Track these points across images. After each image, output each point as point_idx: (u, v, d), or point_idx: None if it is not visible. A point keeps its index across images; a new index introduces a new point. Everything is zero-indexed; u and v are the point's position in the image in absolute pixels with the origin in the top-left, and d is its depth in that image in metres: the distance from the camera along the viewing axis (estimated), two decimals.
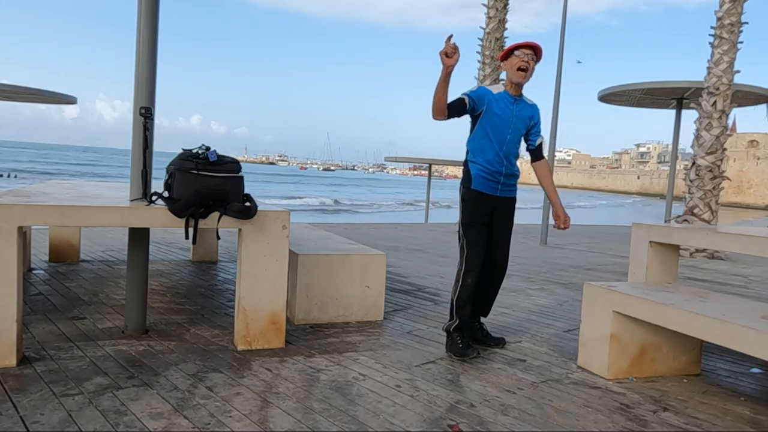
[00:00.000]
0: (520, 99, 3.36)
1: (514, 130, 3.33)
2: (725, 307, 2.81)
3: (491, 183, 3.34)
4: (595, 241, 10.78)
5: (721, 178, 9.20)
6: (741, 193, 58.57)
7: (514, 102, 3.32)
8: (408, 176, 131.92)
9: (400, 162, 19.33)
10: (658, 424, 2.51)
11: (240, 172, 3.15)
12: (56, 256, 5.47)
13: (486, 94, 3.29)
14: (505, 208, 3.41)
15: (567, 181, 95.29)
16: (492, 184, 3.34)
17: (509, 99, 3.32)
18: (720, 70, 8.97)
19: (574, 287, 5.68)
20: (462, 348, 3.26)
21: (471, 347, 3.29)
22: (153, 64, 3.25)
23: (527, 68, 3.25)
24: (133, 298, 3.39)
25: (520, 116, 3.33)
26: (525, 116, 3.36)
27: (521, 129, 3.37)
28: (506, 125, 3.30)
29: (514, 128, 3.32)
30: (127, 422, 2.25)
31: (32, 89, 10.16)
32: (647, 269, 3.86)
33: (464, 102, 3.23)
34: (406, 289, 5.17)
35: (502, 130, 3.29)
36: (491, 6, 10.41)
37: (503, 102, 3.31)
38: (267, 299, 3.21)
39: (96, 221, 2.88)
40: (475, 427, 2.39)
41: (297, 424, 2.32)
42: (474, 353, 3.25)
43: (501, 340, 3.59)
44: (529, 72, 3.26)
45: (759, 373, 3.32)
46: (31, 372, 2.71)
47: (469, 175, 3.38)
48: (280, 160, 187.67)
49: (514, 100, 3.33)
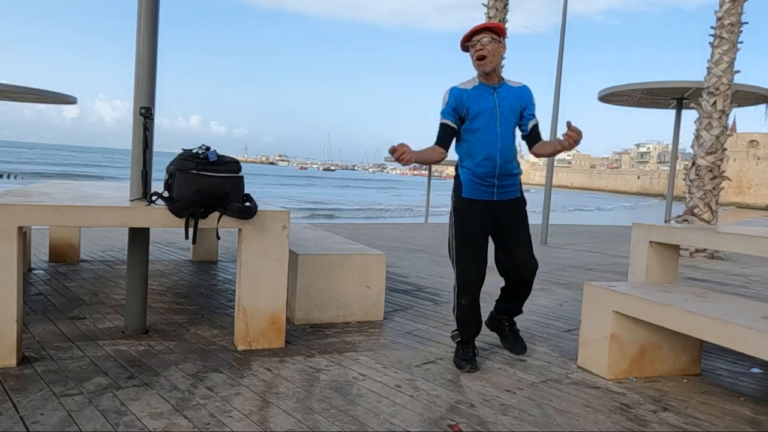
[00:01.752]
0: (501, 85, 3.04)
1: (503, 121, 3.00)
2: (725, 307, 2.81)
3: (484, 188, 3.05)
4: (595, 241, 10.77)
5: (721, 178, 9.20)
6: (741, 193, 58.58)
7: (494, 91, 3.01)
8: (408, 176, 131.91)
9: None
10: (658, 424, 2.51)
11: (240, 172, 3.16)
12: (56, 256, 5.47)
13: (460, 96, 3.03)
14: (508, 211, 3.11)
15: (567, 181, 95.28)
16: (485, 188, 3.05)
17: (487, 89, 3.01)
18: (720, 70, 8.97)
19: (574, 287, 5.68)
20: (458, 359, 3.12)
21: (467, 361, 3.08)
22: (153, 64, 3.24)
23: (486, 54, 2.93)
24: (133, 298, 3.40)
25: (505, 104, 3.01)
26: (512, 102, 3.03)
27: (511, 118, 3.03)
28: (492, 119, 2.99)
29: (501, 119, 3.00)
30: (127, 422, 2.25)
31: (32, 89, 10.16)
32: (647, 269, 3.86)
33: (449, 126, 3.04)
34: (406, 289, 5.17)
35: (489, 125, 2.99)
36: (491, 6, 10.41)
37: (481, 95, 3.01)
38: (267, 299, 3.21)
39: (96, 221, 2.88)
40: (475, 427, 2.39)
41: (297, 424, 2.32)
42: (467, 368, 3.05)
43: (522, 347, 3.38)
44: (489, 57, 2.94)
45: (759, 373, 3.32)
46: (31, 372, 2.71)
47: (459, 182, 3.11)
48: (280, 160, 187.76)
49: (493, 89, 3.01)
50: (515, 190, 3.15)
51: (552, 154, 3.25)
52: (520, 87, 3.09)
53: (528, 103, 3.08)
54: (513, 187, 3.13)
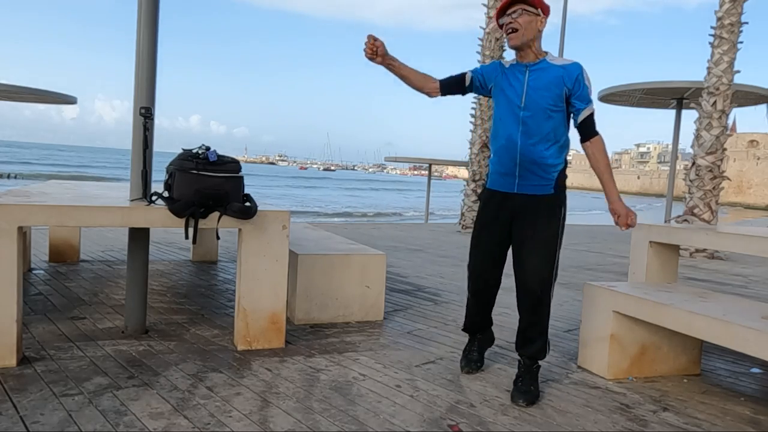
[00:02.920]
0: (538, 63, 2.71)
1: (530, 103, 2.66)
2: (725, 307, 2.81)
3: (505, 177, 2.75)
4: (595, 241, 10.77)
5: (721, 178, 9.20)
6: (741, 193, 58.58)
7: (526, 70, 2.71)
8: (408, 176, 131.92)
9: (400, 162, 19.33)
10: (658, 424, 2.51)
11: (240, 172, 3.16)
12: (56, 256, 5.47)
13: (496, 69, 2.81)
14: (525, 209, 2.73)
15: (567, 181, 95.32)
16: (506, 178, 2.75)
17: (519, 68, 2.74)
18: (720, 70, 8.97)
19: (574, 287, 5.68)
20: (462, 357, 3.11)
21: (468, 360, 3.05)
22: (153, 65, 3.24)
23: (517, 28, 2.65)
24: (133, 298, 3.39)
25: (538, 85, 2.67)
26: (548, 82, 2.66)
27: (543, 101, 2.65)
28: (517, 99, 2.69)
29: (529, 101, 2.66)
30: (127, 422, 2.25)
31: (32, 89, 10.15)
32: (647, 269, 3.86)
33: (463, 78, 2.83)
34: (406, 289, 5.17)
35: (511, 107, 2.71)
36: (491, 6, 10.40)
37: (513, 73, 2.75)
38: (267, 299, 3.21)
39: (96, 221, 2.88)
40: (475, 427, 2.39)
41: (297, 424, 2.32)
42: (464, 369, 3.02)
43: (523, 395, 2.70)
44: (521, 30, 2.64)
45: (759, 373, 3.32)
46: (31, 372, 2.71)
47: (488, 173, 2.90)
48: (280, 160, 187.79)
49: (525, 67, 2.72)
50: (545, 185, 2.73)
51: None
52: (566, 65, 2.68)
53: (575, 84, 2.64)
54: (543, 181, 2.71)
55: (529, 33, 2.66)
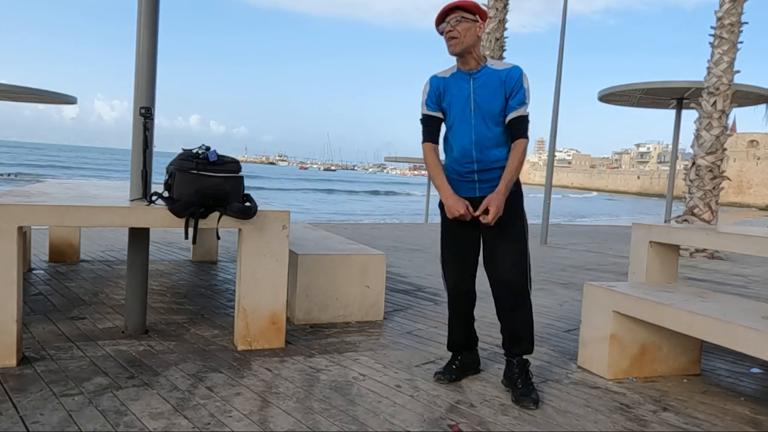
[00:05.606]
0: (481, 70, 2.70)
1: (478, 110, 2.68)
2: (725, 307, 2.81)
3: (464, 184, 2.77)
4: (595, 241, 10.77)
5: (721, 178, 9.21)
6: (741, 193, 58.57)
7: (470, 77, 2.71)
8: (408, 176, 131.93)
9: (400, 162, 19.35)
10: (658, 424, 2.51)
11: (240, 172, 3.16)
12: (56, 256, 5.47)
13: (438, 84, 2.77)
14: None
15: (567, 181, 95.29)
16: (465, 185, 2.77)
17: (463, 76, 2.72)
18: (720, 70, 8.97)
19: (574, 287, 5.68)
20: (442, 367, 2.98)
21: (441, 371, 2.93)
22: (153, 64, 3.25)
23: (456, 35, 2.63)
24: (133, 298, 3.39)
25: (483, 91, 2.68)
26: (493, 86, 2.67)
27: (489, 106, 2.67)
28: (466, 108, 2.70)
29: (477, 108, 2.68)
30: (127, 422, 2.25)
31: (32, 89, 10.15)
32: (647, 269, 3.86)
33: (432, 116, 2.79)
34: (406, 289, 5.17)
35: (463, 116, 2.71)
36: (491, 6, 10.40)
37: (457, 83, 2.74)
38: (267, 299, 3.21)
39: (96, 221, 2.88)
40: (475, 427, 2.39)
41: (297, 424, 2.32)
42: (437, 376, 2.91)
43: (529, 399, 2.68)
44: (460, 38, 2.63)
45: (759, 373, 3.32)
46: (31, 372, 2.71)
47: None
48: (280, 160, 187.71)
49: (469, 75, 2.71)
50: None
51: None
52: (507, 69, 2.69)
53: (514, 85, 2.65)
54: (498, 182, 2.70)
55: (468, 39, 2.65)
